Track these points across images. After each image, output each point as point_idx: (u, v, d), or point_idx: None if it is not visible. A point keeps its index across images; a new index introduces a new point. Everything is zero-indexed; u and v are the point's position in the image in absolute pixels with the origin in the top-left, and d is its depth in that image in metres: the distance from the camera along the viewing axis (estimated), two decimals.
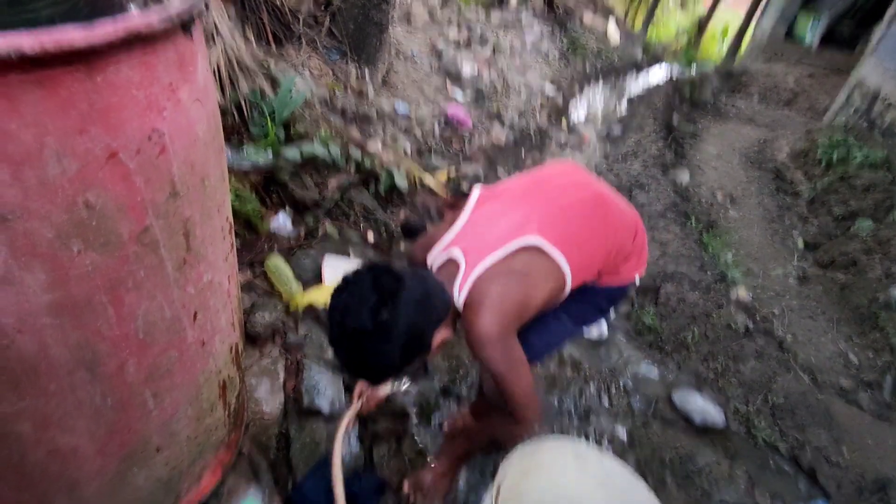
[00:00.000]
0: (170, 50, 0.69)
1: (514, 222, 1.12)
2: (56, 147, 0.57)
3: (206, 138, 0.82)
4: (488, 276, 1.06)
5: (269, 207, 2.46)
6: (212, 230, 0.91)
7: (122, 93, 0.62)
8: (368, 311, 0.95)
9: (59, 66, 0.54)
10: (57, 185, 0.59)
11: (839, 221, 3.71)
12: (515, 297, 1.06)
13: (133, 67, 0.62)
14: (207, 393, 1.09)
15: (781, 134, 5.55)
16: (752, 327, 2.41)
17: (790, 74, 6.92)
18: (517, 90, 4.89)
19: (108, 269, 0.71)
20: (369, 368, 1.04)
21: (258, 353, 1.85)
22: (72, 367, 0.75)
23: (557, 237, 1.12)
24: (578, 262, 1.14)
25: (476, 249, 1.10)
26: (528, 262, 1.09)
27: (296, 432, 1.61)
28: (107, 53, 0.58)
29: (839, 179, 4.02)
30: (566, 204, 1.19)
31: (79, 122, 0.58)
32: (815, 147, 4.58)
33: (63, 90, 0.56)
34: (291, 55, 3.25)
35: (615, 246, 1.24)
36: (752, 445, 1.98)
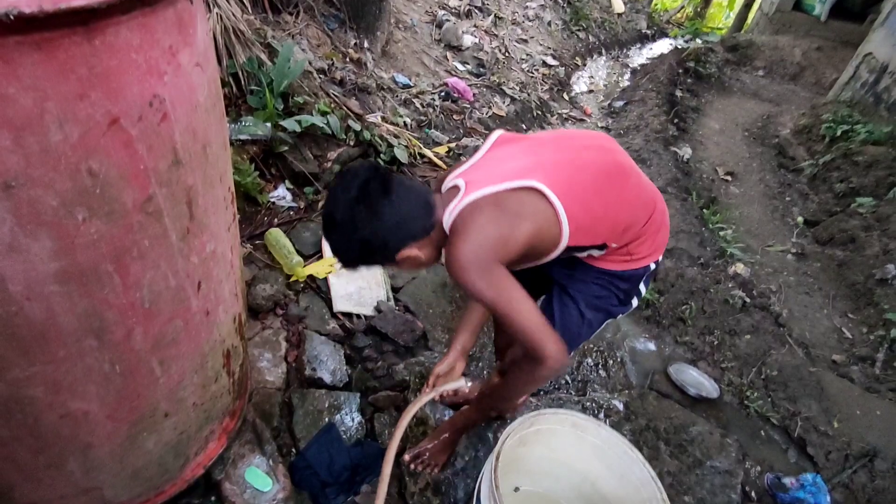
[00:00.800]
0: (169, 12, 0.67)
1: (522, 165, 1.12)
2: (57, 112, 0.57)
3: (207, 104, 0.81)
4: (478, 205, 1.06)
5: (268, 180, 2.44)
6: (214, 199, 0.91)
7: (122, 56, 0.61)
8: (343, 205, 1.04)
9: (57, 28, 0.53)
10: (59, 152, 0.59)
11: (840, 198, 3.70)
12: (498, 228, 1.04)
13: (132, 30, 0.61)
14: (212, 361, 1.11)
15: (786, 109, 5.48)
16: (749, 302, 2.43)
17: (797, 47, 6.78)
18: (519, 62, 4.80)
19: (113, 237, 0.71)
20: (339, 253, 1.13)
21: (260, 324, 1.86)
22: (80, 335, 0.76)
23: (562, 189, 1.09)
24: (580, 219, 1.11)
25: (478, 181, 1.10)
26: (524, 201, 1.07)
27: (298, 401, 1.64)
28: (105, 15, 0.56)
29: (842, 156, 4.00)
30: (582, 163, 1.16)
31: (79, 87, 0.58)
32: (819, 123, 4.53)
33: (62, 53, 0.55)
34: (289, 23, 3.18)
35: (625, 219, 1.18)
36: (745, 416, 2.03)
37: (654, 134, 3.98)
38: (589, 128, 4.56)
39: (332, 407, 1.67)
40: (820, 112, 4.75)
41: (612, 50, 6.85)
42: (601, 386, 2.05)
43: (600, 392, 2.03)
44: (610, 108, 4.96)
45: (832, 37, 6.78)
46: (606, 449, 1.23)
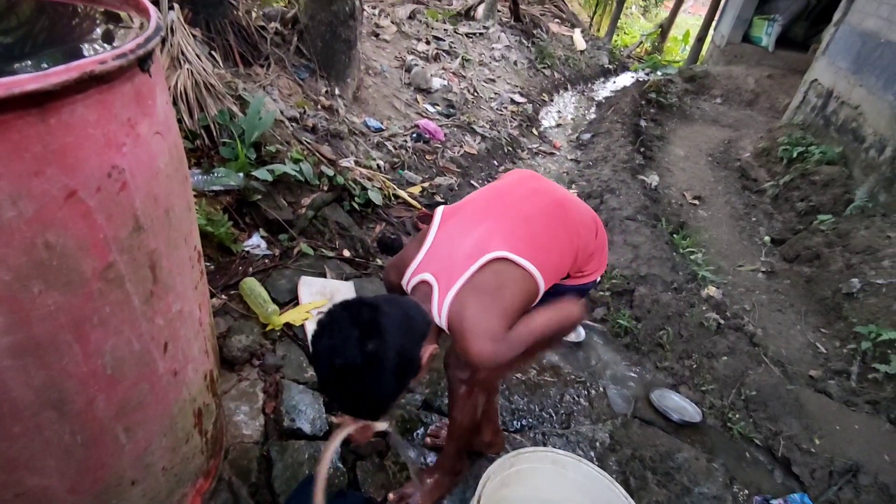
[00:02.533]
0: (126, 87, 0.69)
1: (478, 239, 1.16)
2: (9, 191, 0.57)
3: (168, 170, 0.82)
4: (463, 298, 1.09)
5: (242, 229, 2.44)
6: (179, 260, 0.91)
7: (78, 132, 0.63)
8: (355, 346, 0.95)
9: (10, 111, 0.54)
10: (13, 228, 0.59)
11: (802, 216, 3.85)
12: (495, 310, 1.09)
13: (89, 107, 0.63)
14: (182, 422, 1.09)
15: (745, 133, 5.74)
16: (724, 324, 2.48)
17: (750, 76, 7.16)
18: (487, 101, 4.96)
19: (71, 307, 0.70)
20: (369, 403, 1.03)
21: (236, 376, 1.83)
22: (37, 408, 0.74)
23: (523, 246, 1.16)
24: (548, 267, 1.19)
25: (445, 271, 1.13)
26: (499, 272, 1.13)
27: (277, 454, 1.60)
28: (61, 95, 0.58)
29: (800, 176, 4.18)
30: (528, 213, 1.23)
31: (33, 165, 0.59)
32: (776, 145, 4.75)
33: (14, 134, 0.56)
34: (259, 75, 3.25)
35: (580, 246, 1.29)
36: (729, 439, 2.04)
37: (622, 164, 4.11)
38: (559, 160, 4.69)
39: (313, 458, 1.63)
40: (776, 135, 4.99)
41: (577, 85, 7.13)
42: (585, 417, 2.05)
43: (584, 423, 2.02)
44: (578, 140, 5.12)
45: (780, 65, 7.19)
46: (589, 485, 1.22)
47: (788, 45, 7.40)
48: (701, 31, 8.67)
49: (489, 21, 6.54)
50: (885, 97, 3.82)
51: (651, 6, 14.46)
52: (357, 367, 0.96)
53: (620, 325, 2.49)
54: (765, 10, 7.40)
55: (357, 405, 1.04)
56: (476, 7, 6.72)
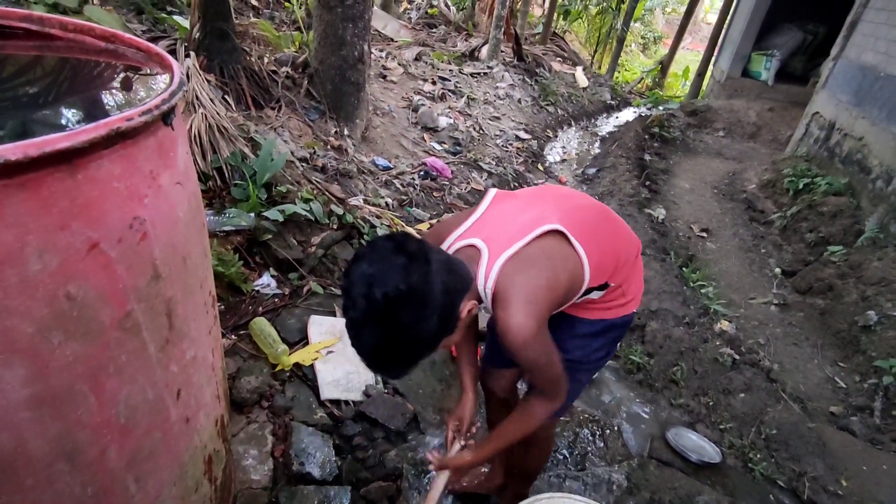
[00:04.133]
0: (150, 140, 0.72)
1: (534, 215, 1.11)
2: (37, 245, 0.59)
3: (186, 218, 0.84)
4: (514, 265, 1.02)
5: (252, 269, 2.46)
6: (194, 306, 0.92)
7: (104, 186, 0.65)
8: (399, 273, 0.85)
9: (41, 169, 0.56)
10: (38, 281, 0.60)
11: (812, 247, 3.83)
12: (544, 284, 1.02)
13: (114, 161, 0.65)
14: (192, 470, 1.07)
15: (749, 165, 5.78)
16: (739, 359, 2.43)
17: (751, 109, 7.27)
18: (493, 138, 5.05)
19: (88, 357, 0.71)
20: (401, 348, 0.91)
21: (245, 419, 1.81)
22: (50, 460, 0.74)
23: (577, 229, 1.10)
24: (595, 258, 1.12)
25: (498, 238, 1.07)
26: (551, 246, 1.07)
27: (286, 500, 1.56)
28: (89, 152, 0.60)
29: (807, 207, 4.18)
30: (582, 205, 1.21)
31: (60, 219, 0.60)
32: (782, 177, 4.77)
33: (44, 190, 0.58)
34: (271, 117, 3.34)
35: (621, 254, 1.22)
36: (751, 480, 1.96)
37: (628, 198, 4.14)
38: None
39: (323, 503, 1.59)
40: (780, 167, 5.02)
41: (580, 121, 7.26)
42: (600, 458, 1.99)
43: (600, 465, 1.97)
44: (584, 175, 5.17)
45: (781, 98, 7.31)
46: None
47: (788, 78, 7.54)
48: (701, 66, 8.86)
49: (493, 61, 6.74)
50: (890, 128, 3.85)
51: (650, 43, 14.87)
52: (400, 296, 0.84)
53: (633, 361, 2.45)
54: (762, 46, 7.58)
55: (387, 351, 0.91)
56: (480, 48, 6.93)
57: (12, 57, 0.99)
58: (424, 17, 8.00)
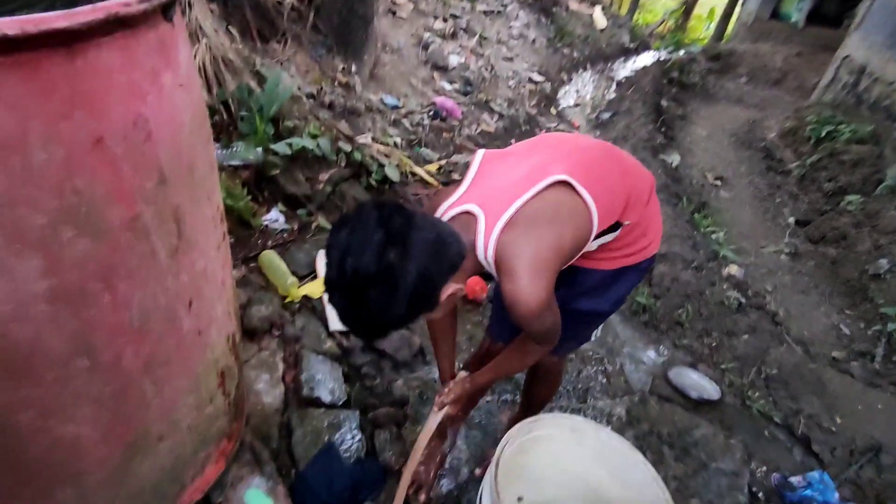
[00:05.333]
0: (151, 35, 0.69)
1: (534, 165, 1.03)
2: (41, 132, 0.58)
3: (192, 126, 0.82)
4: (515, 231, 0.95)
5: (261, 203, 2.46)
6: (202, 218, 0.92)
7: (104, 77, 0.63)
8: (373, 251, 0.82)
9: (39, 49, 0.54)
10: (44, 172, 0.60)
11: (829, 197, 3.75)
12: (549, 247, 0.96)
13: (114, 51, 0.63)
14: (206, 382, 1.11)
15: (771, 113, 5.58)
16: (745, 302, 2.44)
17: (778, 54, 6.94)
18: (505, 79, 4.89)
19: (100, 256, 0.71)
20: (368, 321, 0.89)
21: (256, 346, 1.86)
22: (69, 356, 0.76)
23: (580, 174, 1.02)
24: (603, 201, 1.04)
25: (495, 199, 0.99)
26: (555, 199, 0.99)
27: (297, 421, 1.63)
28: (87, 36, 0.58)
29: (828, 156, 4.06)
30: (582, 145, 1.13)
31: (62, 107, 0.59)
32: (804, 125, 4.61)
33: (44, 73, 0.56)
34: (276, 51, 3.24)
35: (633, 189, 1.14)
36: (748, 417, 2.02)
37: (642, 143, 4.04)
38: None
39: (332, 426, 1.65)
40: (804, 115, 4.84)
41: (597, 64, 6.98)
42: (602, 393, 2.04)
43: (602, 399, 2.02)
44: (597, 119, 5.03)
45: (810, 42, 6.95)
46: (607, 452, 1.22)
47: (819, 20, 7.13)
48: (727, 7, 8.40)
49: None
50: None
51: None
52: (368, 276, 0.82)
53: (639, 303, 2.46)
54: None
55: (356, 319, 0.91)
56: None
57: None
58: None
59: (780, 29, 7.30)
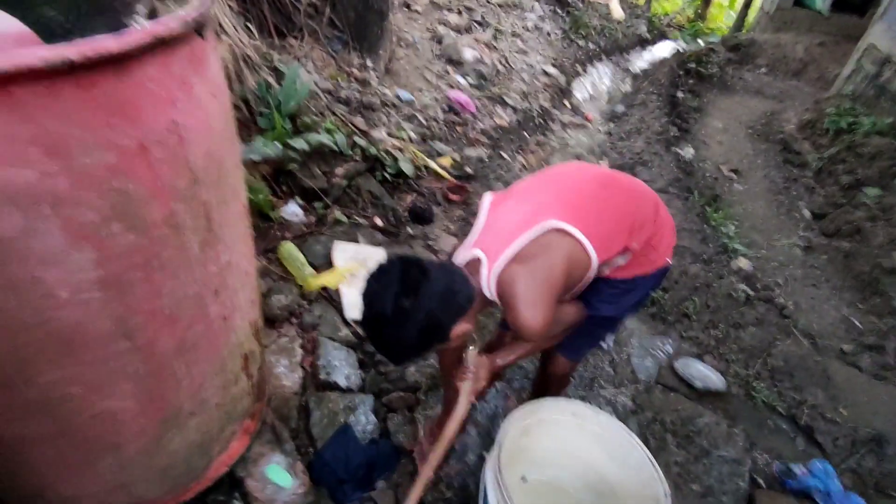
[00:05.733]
0: (186, 50, 0.77)
1: (527, 212, 1.18)
2: (94, 140, 0.66)
3: (220, 129, 0.91)
4: (512, 268, 1.13)
5: (279, 197, 2.55)
6: (229, 214, 1.00)
7: (144, 89, 0.71)
8: (390, 299, 1.05)
9: (95, 70, 0.63)
10: (97, 175, 0.68)
11: (846, 190, 3.71)
12: (541, 282, 1.12)
13: (154, 66, 0.71)
14: (232, 364, 1.20)
15: (790, 105, 5.50)
16: (753, 295, 2.47)
17: (800, 44, 6.80)
18: (519, 72, 4.90)
19: (141, 248, 0.80)
20: (390, 349, 1.13)
21: (276, 333, 1.96)
22: (113, 338, 0.85)
23: (571, 215, 1.16)
24: (600, 234, 1.18)
25: (494, 245, 1.16)
26: (548, 243, 1.14)
27: (314, 404, 1.72)
28: (133, 56, 0.66)
29: (846, 148, 4.01)
30: (574, 185, 1.24)
31: (110, 118, 0.67)
32: (823, 117, 4.55)
33: (97, 90, 0.65)
34: (294, 46, 3.31)
35: (635, 216, 1.25)
36: (752, 407, 2.06)
37: (656, 136, 4.03)
38: (591, 133, 4.63)
39: (347, 408, 1.75)
40: (824, 106, 4.77)
41: (612, 55, 6.93)
42: (608, 382, 2.10)
43: (607, 388, 2.08)
44: (612, 112, 5.02)
45: (834, 31, 6.79)
46: (606, 435, 1.28)
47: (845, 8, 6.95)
48: None
49: None
50: None
51: None
52: (385, 318, 1.06)
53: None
54: None
55: (382, 347, 1.14)
56: None
57: None
58: None
59: (803, 17, 7.13)
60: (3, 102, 0.59)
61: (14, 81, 0.58)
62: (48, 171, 0.64)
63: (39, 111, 0.61)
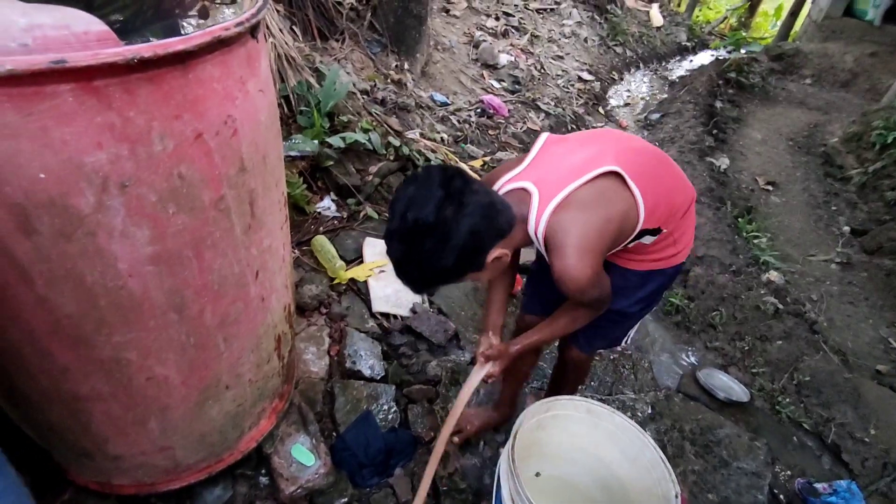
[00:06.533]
0: (241, 50, 0.85)
1: (589, 155, 1.10)
2: (160, 129, 0.75)
3: (267, 122, 0.99)
4: (566, 212, 1.03)
5: (315, 192, 2.66)
6: (271, 202, 1.08)
7: (206, 86, 0.79)
8: (433, 205, 0.94)
9: (164, 66, 0.71)
10: (160, 160, 0.77)
11: (890, 206, 3.58)
12: (596, 228, 1.03)
13: (215, 66, 0.79)
14: (266, 343, 1.28)
15: (835, 117, 5.32)
16: (782, 308, 2.42)
17: (849, 54, 6.56)
18: (554, 77, 4.92)
19: (193, 228, 0.88)
20: (419, 269, 1.01)
21: (306, 321, 2.05)
22: (166, 309, 0.94)
23: (631, 170, 1.09)
24: (650, 201, 1.11)
25: (550, 181, 1.07)
26: (605, 186, 1.07)
27: (339, 391, 1.80)
28: (197, 55, 0.74)
29: (893, 163, 3.86)
30: (638, 148, 1.19)
31: (176, 110, 0.76)
32: (870, 130, 4.39)
33: (165, 85, 0.73)
34: (335, 48, 3.44)
35: (676, 201, 1.20)
36: (776, 421, 2.03)
37: (689, 145, 3.99)
38: None
39: (370, 397, 1.82)
40: (871, 119, 4.60)
41: (650, 63, 6.85)
42: (628, 388, 2.11)
43: (627, 394, 2.09)
44: (646, 120, 4.98)
45: (887, 41, 6.52)
46: (620, 434, 1.31)
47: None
48: (795, 4, 7.98)
49: None
50: None
51: None
52: (425, 226, 0.94)
53: (672, 304, 2.49)
54: None
55: (408, 266, 1.02)
56: None
57: None
58: None
59: (853, 27, 6.88)
60: (86, 92, 0.67)
61: (96, 75, 0.66)
62: (119, 155, 0.73)
63: (116, 101, 0.69)
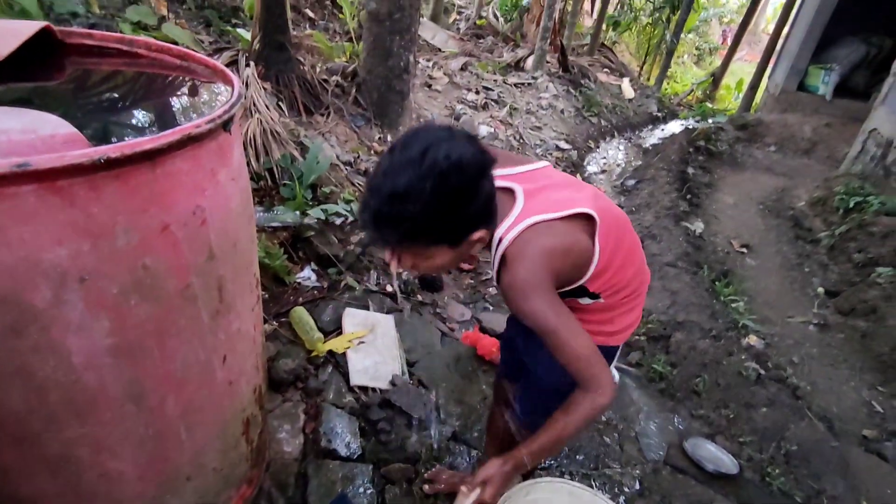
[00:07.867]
0: (213, 143, 0.88)
1: (571, 195, 1.11)
2: (125, 224, 0.75)
3: (238, 209, 1.00)
4: (537, 230, 1.02)
5: (295, 262, 2.66)
6: (241, 285, 1.08)
7: (175, 179, 0.81)
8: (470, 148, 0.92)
9: (131, 164, 0.73)
10: (123, 253, 0.77)
11: (859, 268, 3.69)
12: (558, 247, 1.03)
13: (185, 160, 0.81)
14: (233, 429, 1.23)
15: (800, 182, 5.58)
16: (764, 374, 2.42)
17: (807, 124, 7.00)
18: (533, 147, 5.13)
19: (156, 318, 0.87)
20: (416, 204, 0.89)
21: (281, 397, 1.98)
22: (123, 401, 0.91)
23: (602, 224, 1.09)
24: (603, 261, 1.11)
25: (536, 198, 1.07)
26: (576, 227, 1.07)
27: (314, 472, 1.71)
28: (167, 152, 0.76)
29: (857, 227, 4.02)
30: (614, 212, 1.19)
31: (142, 204, 0.77)
32: (833, 195, 4.60)
33: (133, 180, 0.74)
34: (320, 123, 3.57)
35: (627, 278, 1.20)
36: (767, 494, 1.96)
37: (665, 210, 4.12)
38: None
39: (346, 478, 1.73)
40: (833, 185, 4.83)
41: (624, 132, 7.21)
42: (614, 461, 2.04)
43: (613, 467, 2.02)
44: (622, 186, 5.17)
45: (840, 113, 6.99)
46: None
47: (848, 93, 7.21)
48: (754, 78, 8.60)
49: (538, 71, 6.81)
50: None
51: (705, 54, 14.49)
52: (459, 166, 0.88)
53: (655, 371, 2.48)
54: (822, 59, 7.29)
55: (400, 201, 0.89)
56: (526, 59, 7.03)
57: (99, 69, 1.19)
58: (472, 28, 8.17)
59: (807, 101, 7.39)
60: (49, 192, 0.68)
61: (61, 175, 0.67)
62: (80, 251, 0.73)
63: (80, 199, 0.70)
